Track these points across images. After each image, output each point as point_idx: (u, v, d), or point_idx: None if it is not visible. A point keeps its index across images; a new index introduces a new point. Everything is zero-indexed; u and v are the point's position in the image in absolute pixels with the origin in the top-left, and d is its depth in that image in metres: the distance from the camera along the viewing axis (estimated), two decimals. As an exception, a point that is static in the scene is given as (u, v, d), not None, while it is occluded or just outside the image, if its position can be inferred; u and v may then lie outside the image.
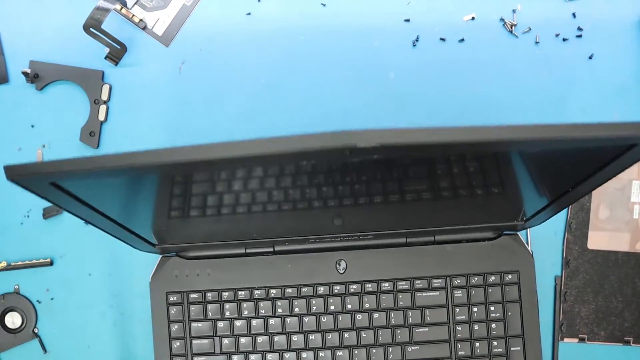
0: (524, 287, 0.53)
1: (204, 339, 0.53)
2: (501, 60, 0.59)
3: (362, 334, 0.53)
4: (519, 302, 0.53)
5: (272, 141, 0.30)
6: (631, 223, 0.58)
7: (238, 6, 0.59)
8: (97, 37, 0.55)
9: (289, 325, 0.53)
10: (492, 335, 0.51)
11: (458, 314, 0.52)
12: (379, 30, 0.59)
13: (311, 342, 0.53)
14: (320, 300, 0.54)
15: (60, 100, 0.59)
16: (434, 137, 0.30)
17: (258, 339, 0.53)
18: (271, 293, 0.54)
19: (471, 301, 0.53)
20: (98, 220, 0.43)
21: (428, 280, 0.53)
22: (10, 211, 0.59)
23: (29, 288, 0.59)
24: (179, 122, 0.59)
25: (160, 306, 0.55)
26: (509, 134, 0.31)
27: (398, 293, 0.53)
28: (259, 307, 0.54)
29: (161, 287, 0.54)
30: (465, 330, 0.52)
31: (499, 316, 0.52)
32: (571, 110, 0.59)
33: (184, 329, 0.54)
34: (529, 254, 0.53)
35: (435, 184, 0.45)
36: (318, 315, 0.53)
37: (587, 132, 0.32)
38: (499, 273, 0.53)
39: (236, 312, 0.54)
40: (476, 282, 0.53)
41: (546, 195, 0.47)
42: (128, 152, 0.31)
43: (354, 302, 0.53)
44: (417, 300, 0.53)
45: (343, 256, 0.55)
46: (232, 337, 0.53)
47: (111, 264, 0.59)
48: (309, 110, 0.59)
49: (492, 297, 0.53)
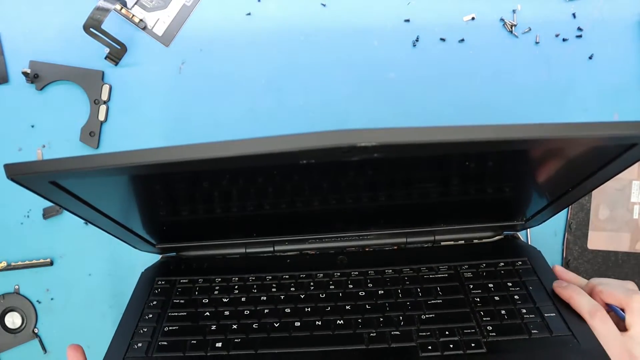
0: (539, 269, 0.48)
1: (182, 310, 0.47)
2: (501, 60, 0.59)
3: (367, 305, 0.46)
4: (537, 278, 0.47)
5: (272, 140, 0.30)
6: (631, 223, 0.58)
7: (238, 6, 0.59)
8: (97, 37, 0.55)
9: (282, 301, 0.47)
10: (517, 305, 0.44)
11: (473, 289, 0.46)
12: (379, 30, 0.59)
13: (306, 317, 0.45)
14: (320, 283, 0.48)
15: (60, 100, 0.59)
16: (433, 137, 0.30)
17: (245, 312, 0.46)
18: (266, 278, 0.49)
19: (484, 279, 0.47)
20: (98, 219, 0.43)
21: (434, 267, 0.49)
22: (10, 211, 0.59)
23: (29, 288, 0.59)
24: (179, 122, 0.59)
25: (144, 286, 0.50)
26: (509, 133, 0.31)
27: (404, 275, 0.49)
28: (251, 289, 0.48)
29: (151, 275, 0.52)
30: (485, 302, 0.45)
31: (519, 290, 0.46)
32: (571, 110, 0.59)
33: (163, 304, 0.48)
34: (534, 248, 0.52)
35: (434, 184, 0.45)
36: (316, 295, 0.47)
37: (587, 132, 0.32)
38: (508, 259, 0.49)
39: (226, 292, 0.48)
40: (485, 267, 0.49)
41: (546, 195, 0.47)
42: (127, 151, 0.31)
43: (357, 283, 0.48)
44: (425, 281, 0.48)
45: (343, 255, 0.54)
46: (215, 315, 0.46)
47: (111, 264, 0.59)
48: (309, 110, 0.59)
49: (506, 276, 0.47)
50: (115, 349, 0.43)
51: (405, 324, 0.43)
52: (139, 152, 0.31)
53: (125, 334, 0.45)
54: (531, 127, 0.31)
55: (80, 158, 0.32)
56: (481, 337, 0.42)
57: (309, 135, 0.29)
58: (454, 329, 0.42)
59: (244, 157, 0.31)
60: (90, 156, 0.32)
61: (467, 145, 0.31)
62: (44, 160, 0.33)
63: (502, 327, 0.43)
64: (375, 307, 0.45)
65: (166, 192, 0.44)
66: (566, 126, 0.32)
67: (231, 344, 0.43)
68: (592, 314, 0.41)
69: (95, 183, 0.38)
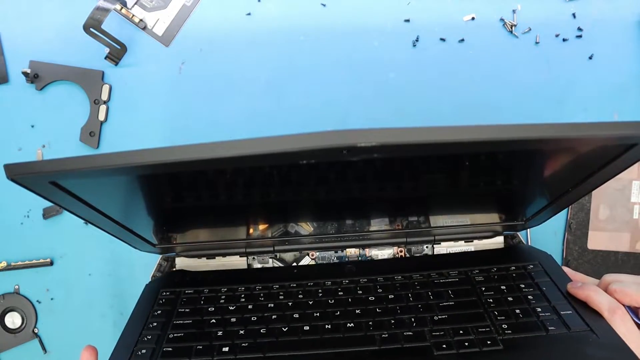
0: (551, 271, 0.47)
1: (187, 318, 0.46)
2: (501, 60, 0.59)
3: (377, 309, 0.45)
4: (550, 279, 0.46)
5: (272, 140, 0.30)
6: (631, 223, 0.58)
7: (238, 6, 0.59)
8: (97, 37, 0.55)
9: (290, 307, 0.46)
10: (532, 305, 0.43)
11: (485, 291, 0.45)
12: (379, 30, 0.59)
13: (315, 321, 0.44)
14: (329, 290, 0.48)
15: (60, 100, 0.59)
16: (433, 137, 0.30)
17: (252, 318, 0.45)
18: (273, 287, 0.48)
19: (496, 282, 0.46)
20: (98, 219, 0.43)
21: (444, 273, 0.48)
22: (10, 211, 0.59)
23: (29, 288, 0.59)
24: (179, 122, 0.59)
25: (148, 297, 0.49)
26: (509, 133, 0.31)
27: (413, 281, 0.48)
28: (257, 298, 0.47)
29: (156, 287, 0.51)
30: (498, 302, 0.44)
31: (532, 290, 0.45)
32: (571, 110, 0.59)
33: (168, 312, 0.47)
34: (545, 252, 0.51)
35: (434, 184, 0.45)
36: (325, 301, 0.47)
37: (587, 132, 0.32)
38: (519, 263, 0.48)
39: (232, 301, 0.47)
40: (496, 271, 0.48)
41: (546, 195, 0.47)
42: (127, 151, 0.31)
43: (366, 289, 0.47)
44: (435, 286, 0.47)
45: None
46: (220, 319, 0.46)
47: (111, 264, 0.59)
48: (309, 110, 0.59)
49: (518, 279, 0.46)
50: (118, 356, 0.42)
51: (418, 325, 0.42)
52: (139, 152, 0.31)
53: (128, 341, 0.44)
54: (531, 127, 0.31)
55: (80, 158, 0.32)
56: (497, 335, 0.41)
57: (309, 136, 0.29)
58: (468, 329, 0.41)
59: (244, 157, 0.31)
60: (90, 156, 0.32)
61: (467, 146, 0.31)
62: (44, 160, 0.33)
63: (517, 325, 0.41)
64: (386, 310, 0.44)
65: (166, 192, 0.43)
66: (566, 126, 0.32)
67: (238, 348, 0.42)
68: (612, 312, 0.40)
69: (95, 183, 0.38)
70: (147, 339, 0.44)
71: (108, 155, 0.32)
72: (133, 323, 0.46)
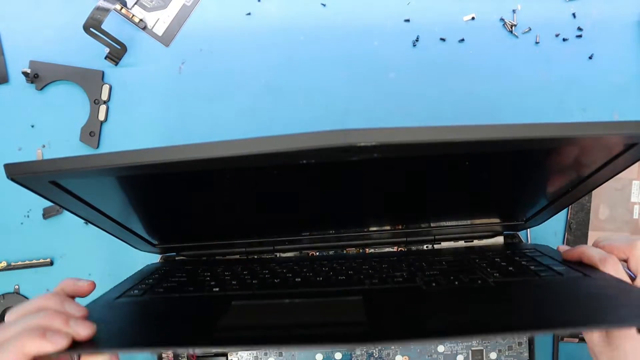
0: (547, 252, 0.48)
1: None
2: (501, 60, 0.59)
3: (370, 270, 0.45)
4: (546, 255, 0.47)
5: (272, 140, 0.30)
6: (631, 223, 0.58)
7: (238, 6, 0.59)
8: (97, 37, 0.55)
9: (283, 273, 0.47)
10: (526, 264, 0.43)
11: (479, 260, 0.46)
12: (379, 30, 0.59)
13: (307, 274, 0.46)
14: (322, 263, 0.49)
15: (60, 100, 0.59)
16: (433, 136, 0.30)
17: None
18: (270, 264, 0.50)
19: (491, 257, 0.47)
20: (98, 219, 0.43)
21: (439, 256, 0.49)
22: (10, 211, 0.59)
23: (29, 288, 0.59)
24: (179, 122, 0.59)
25: (143, 270, 0.51)
26: (509, 133, 0.31)
27: (408, 258, 0.49)
28: (252, 264, 0.49)
29: (152, 267, 0.53)
30: (492, 265, 0.44)
31: (528, 260, 0.45)
32: (571, 109, 0.59)
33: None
34: (542, 244, 0.51)
35: (434, 184, 0.45)
36: (319, 267, 0.48)
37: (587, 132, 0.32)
38: (516, 250, 0.49)
39: (228, 271, 0.49)
40: (492, 255, 0.48)
41: (546, 195, 0.47)
42: (127, 150, 0.31)
43: (361, 262, 0.48)
44: (430, 262, 0.47)
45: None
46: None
47: (111, 264, 0.59)
48: (309, 110, 0.59)
49: (514, 256, 0.47)
50: (109, 294, 0.43)
51: (409, 275, 0.43)
52: (139, 152, 0.31)
53: (119, 288, 0.45)
54: (531, 127, 0.31)
55: (80, 158, 0.32)
56: (488, 278, 0.41)
57: (309, 135, 0.29)
58: (460, 276, 0.41)
59: (243, 157, 0.31)
60: (90, 156, 0.32)
61: (467, 145, 0.31)
62: (44, 160, 0.33)
63: (509, 272, 0.42)
64: (378, 270, 0.45)
65: (166, 192, 0.43)
66: (566, 126, 0.31)
67: (229, 286, 0.43)
68: (603, 261, 0.41)
69: (95, 183, 0.38)
70: (140, 287, 0.45)
71: (108, 155, 0.32)
72: (125, 281, 0.47)
